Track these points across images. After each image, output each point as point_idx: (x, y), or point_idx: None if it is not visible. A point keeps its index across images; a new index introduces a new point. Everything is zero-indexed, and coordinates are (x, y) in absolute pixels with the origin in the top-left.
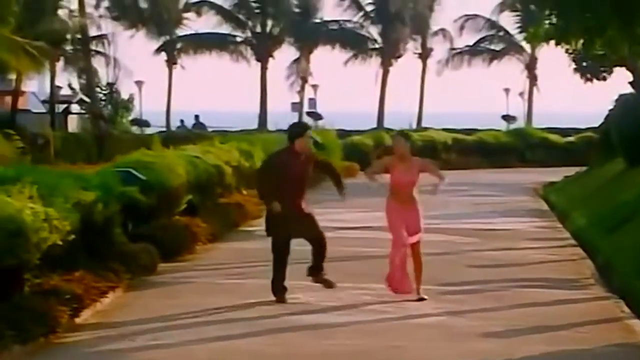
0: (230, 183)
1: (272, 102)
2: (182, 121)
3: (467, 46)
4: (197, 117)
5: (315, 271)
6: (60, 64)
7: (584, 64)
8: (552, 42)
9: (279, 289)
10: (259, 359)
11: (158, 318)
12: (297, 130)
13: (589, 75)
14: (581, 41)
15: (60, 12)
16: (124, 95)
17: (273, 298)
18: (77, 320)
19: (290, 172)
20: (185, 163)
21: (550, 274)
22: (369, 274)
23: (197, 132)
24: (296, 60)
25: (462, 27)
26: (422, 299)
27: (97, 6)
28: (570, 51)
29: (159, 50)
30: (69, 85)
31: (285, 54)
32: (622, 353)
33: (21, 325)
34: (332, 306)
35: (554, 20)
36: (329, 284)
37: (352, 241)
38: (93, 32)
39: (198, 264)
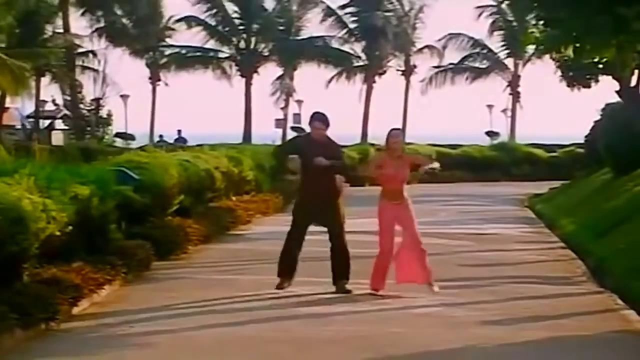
0: (220, 188)
1: (256, 121)
2: (161, 136)
3: (451, 64)
4: (179, 131)
5: (339, 279)
6: (45, 80)
7: (570, 72)
8: (537, 59)
9: (283, 272)
10: (261, 344)
11: (157, 308)
12: (310, 118)
13: (575, 84)
14: (571, 48)
15: (48, 30)
16: (107, 112)
17: (270, 292)
18: (76, 309)
19: (308, 158)
20: (176, 165)
21: (542, 272)
22: (364, 271)
23: (178, 146)
24: (280, 77)
25: (445, 46)
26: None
27: (89, 25)
28: (556, 59)
29: (138, 52)
30: (53, 101)
31: (270, 70)
32: (621, 339)
33: (23, 310)
34: (330, 298)
35: (545, 27)
36: (346, 292)
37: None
38: (82, 47)
39: (192, 262)
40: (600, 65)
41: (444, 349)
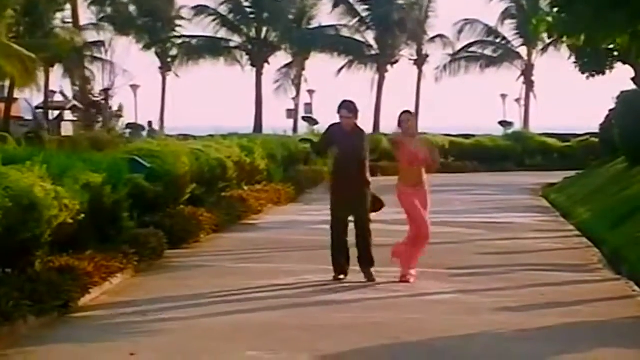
0: (232, 177)
1: (267, 112)
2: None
3: (463, 50)
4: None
5: (364, 264)
6: (54, 70)
7: (585, 59)
8: (551, 47)
9: (337, 267)
10: (276, 330)
11: (169, 296)
12: (339, 106)
13: (590, 71)
14: (582, 36)
15: (57, 20)
16: (117, 102)
17: (281, 280)
18: (88, 297)
19: (340, 145)
20: (188, 154)
21: (558, 260)
22: (379, 259)
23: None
24: (288, 65)
25: (460, 31)
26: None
27: (96, 15)
28: (571, 46)
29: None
30: (61, 93)
31: (281, 61)
32: (638, 325)
33: (37, 297)
34: (344, 286)
35: (557, 14)
36: (371, 279)
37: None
38: (91, 37)
39: (205, 250)
40: (616, 52)
41: (460, 334)
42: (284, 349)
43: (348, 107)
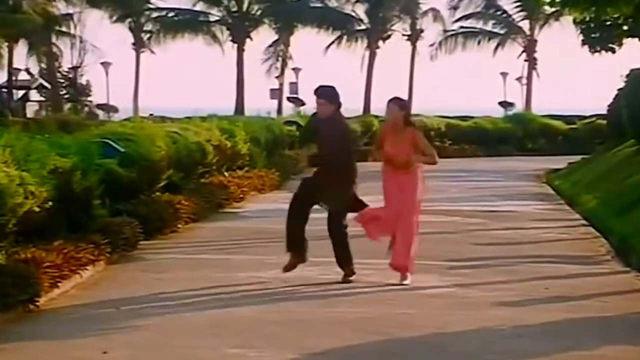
0: (212, 162)
1: (249, 93)
2: None
3: (460, 21)
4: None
5: (339, 264)
6: (18, 47)
7: (592, 35)
8: (555, 21)
9: (291, 248)
10: (259, 326)
11: (145, 289)
12: (314, 93)
13: (597, 48)
14: (592, 9)
15: None
16: (87, 80)
17: (264, 273)
18: (57, 290)
19: (318, 135)
20: (164, 137)
21: (563, 251)
22: (365, 251)
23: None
24: (275, 42)
25: (456, 7)
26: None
27: None
28: (577, 20)
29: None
30: (27, 71)
31: (264, 36)
32: None
33: (1, 291)
34: (332, 279)
35: None
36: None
37: None
38: (59, 10)
39: (182, 241)
40: (625, 27)
41: (456, 330)
42: (268, 346)
43: (318, 94)
